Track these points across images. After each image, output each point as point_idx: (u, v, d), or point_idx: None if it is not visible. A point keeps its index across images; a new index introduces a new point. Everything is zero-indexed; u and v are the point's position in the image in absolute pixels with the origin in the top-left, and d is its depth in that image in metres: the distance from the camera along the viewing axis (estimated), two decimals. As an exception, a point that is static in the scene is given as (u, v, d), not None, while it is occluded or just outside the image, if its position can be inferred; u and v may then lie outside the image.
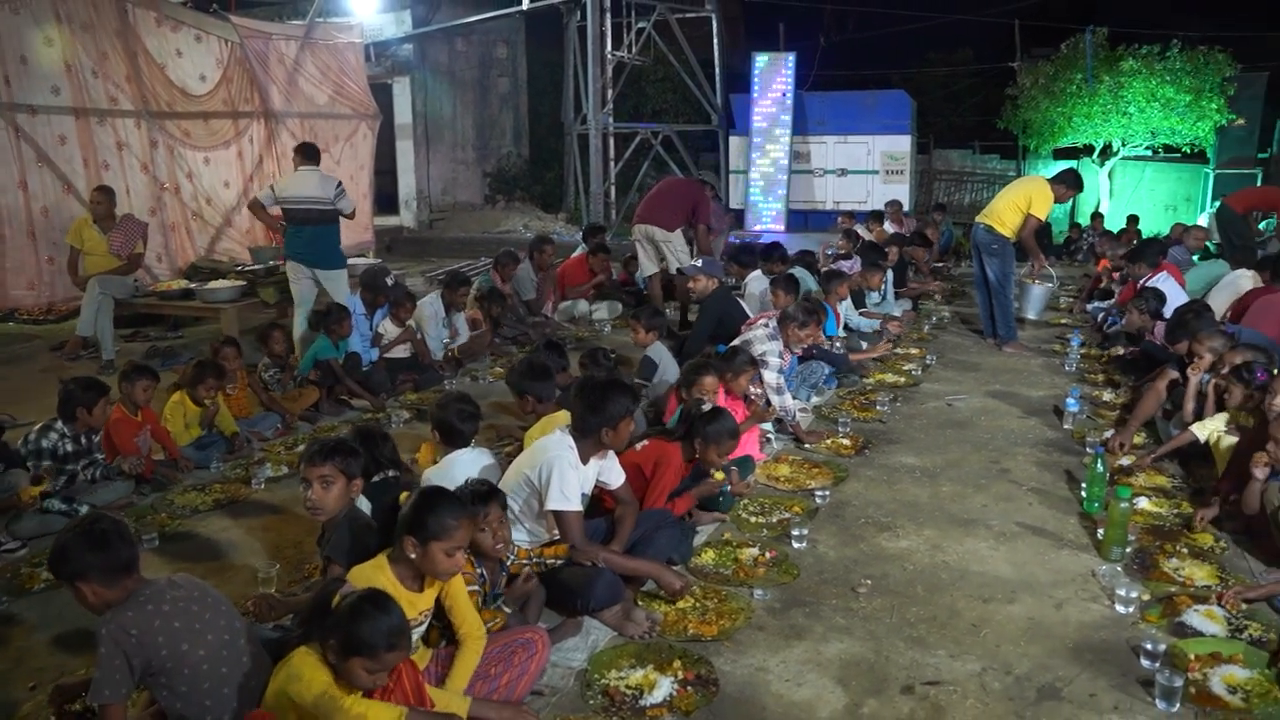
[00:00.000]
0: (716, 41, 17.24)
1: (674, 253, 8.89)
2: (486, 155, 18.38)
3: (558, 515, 3.46)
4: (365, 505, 3.52)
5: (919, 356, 7.80)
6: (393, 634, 2.46)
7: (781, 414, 5.64)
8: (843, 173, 17.23)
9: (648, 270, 9.12)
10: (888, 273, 9.06)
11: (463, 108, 17.80)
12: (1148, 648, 3.22)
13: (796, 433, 5.69)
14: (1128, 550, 4.08)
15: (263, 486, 5.06)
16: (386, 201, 16.35)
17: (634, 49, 16.60)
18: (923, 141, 20.19)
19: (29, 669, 3.31)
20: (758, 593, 3.73)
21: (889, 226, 12.09)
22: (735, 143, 17.46)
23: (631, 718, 2.96)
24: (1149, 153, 18.07)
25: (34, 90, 8.59)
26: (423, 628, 2.94)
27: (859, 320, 8.09)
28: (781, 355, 5.83)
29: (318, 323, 6.76)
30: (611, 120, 16.39)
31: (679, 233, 8.99)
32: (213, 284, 8.40)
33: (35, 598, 3.83)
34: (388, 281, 7.73)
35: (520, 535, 3.58)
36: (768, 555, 4.06)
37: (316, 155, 7.54)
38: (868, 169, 17.13)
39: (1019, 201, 7.92)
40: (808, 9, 20.72)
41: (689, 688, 3.09)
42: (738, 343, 5.74)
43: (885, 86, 19.55)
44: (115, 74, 9.33)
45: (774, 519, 4.49)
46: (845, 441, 5.63)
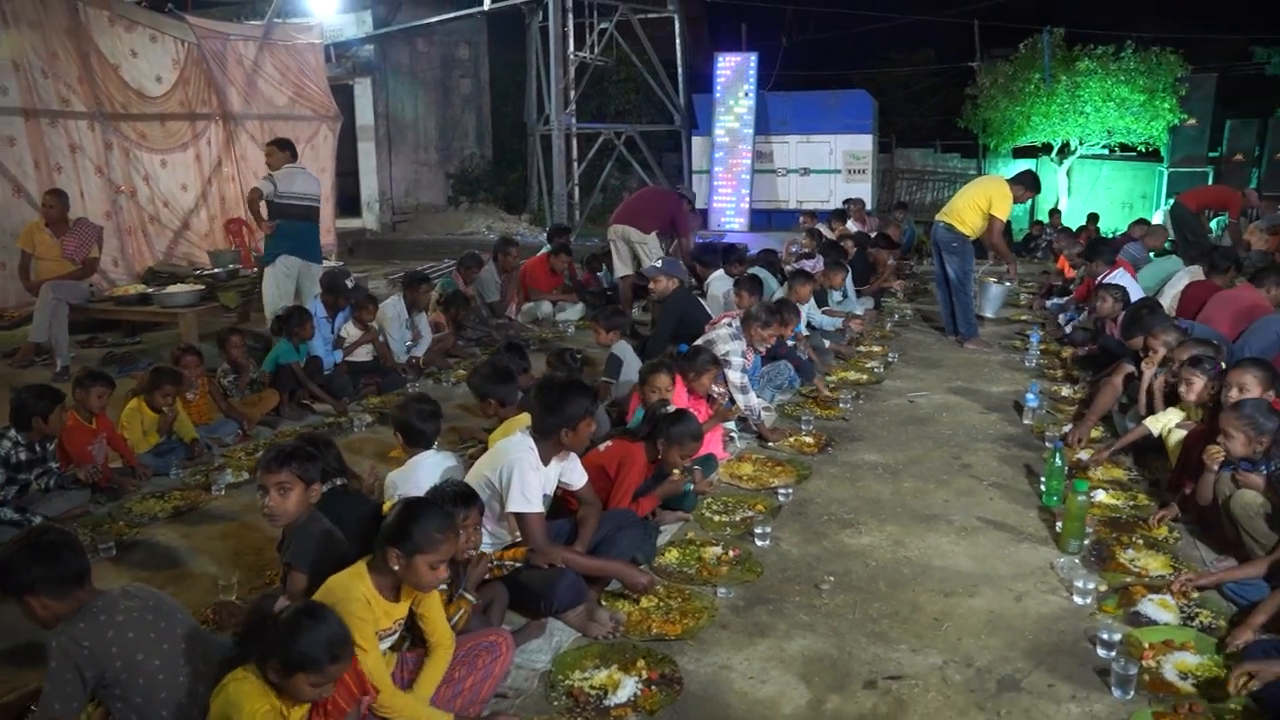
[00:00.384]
0: (679, 42, 17.27)
1: (648, 254, 9.03)
2: (449, 156, 18.28)
3: (519, 517, 3.45)
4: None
5: (881, 354, 7.87)
6: (334, 645, 2.43)
7: (746, 413, 5.67)
8: (805, 172, 17.35)
9: (620, 271, 9.24)
10: (849, 271, 9.15)
11: (425, 109, 17.70)
12: (1104, 637, 3.27)
13: (760, 431, 5.72)
14: (1085, 542, 4.14)
15: (223, 493, 5.00)
16: (348, 204, 16.22)
17: (596, 49, 16.58)
18: (885, 141, 20.40)
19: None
20: (721, 591, 3.75)
21: (851, 225, 12.18)
22: (698, 143, 17.52)
23: (596, 718, 2.95)
24: (1106, 151, 18.39)
25: (-21, 90, 8.46)
26: (395, 636, 2.91)
27: (821, 319, 8.15)
28: (745, 355, 5.85)
29: (279, 327, 6.69)
30: (574, 121, 16.37)
31: (654, 235, 9.17)
32: (171, 288, 8.30)
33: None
34: (348, 284, 7.66)
35: (482, 538, 3.56)
36: (731, 554, 4.07)
37: (296, 152, 7.65)
38: (830, 168, 17.26)
39: (979, 201, 8.02)
40: (770, 10, 20.82)
41: (653, 687, 3.09)
42: (700, 342, 5.76)
43: (847, 86, 19.71)
44: (66, 74, 9.18)
45: (737, 517, 4.51)
46: (808, 439, 5.66)
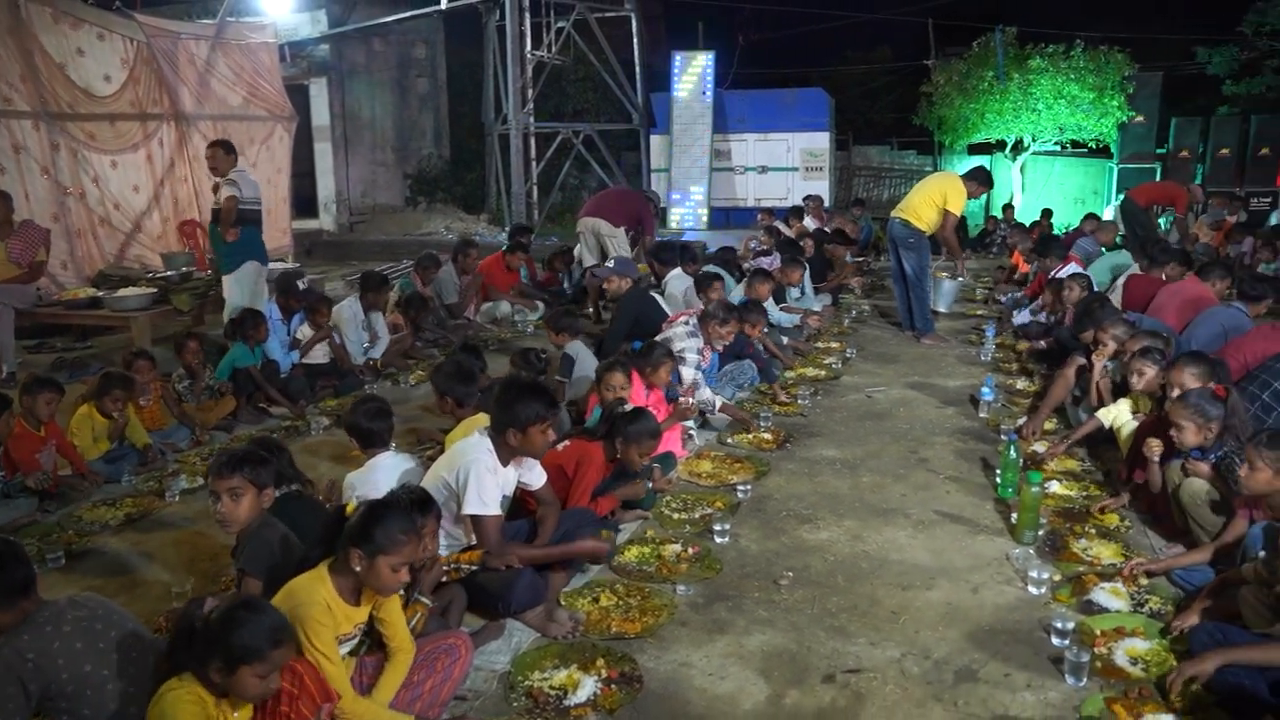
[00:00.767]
0: (636, 41, 17.28)
1: (616, 248, 9.41)
2: (407, 157, 18.14)
3: (474, 520, 3.42)
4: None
5: (839, 350, 7.92)
6: (275, 631, 2.40)
7: (702, 406, 5.70)
8: (763, 170, 17.44)
9: (589, 262, 9.60)
10: (807, 268, 9.22)
11: (381, 109, 17.55)
12: (1057, 626, 3.32)
13: (731, 413, 5.77)
14: (1039, 533, 4.20)
15: (177, 499, 4.92)
16: (305, 205, 16.03)
17: (554, 48, 16.56)
18: (841, 138, 20.56)
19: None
20: (681, 588, 3.75)
21: (809, 221, 12.26)
22: (656, 141, 17.56)
23: (555, 718, 2.95)
24: (1058, 148, 18.68)
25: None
26: (355, 641, 2.88)
27: (779, 315, 8.19)
28: (701, 352, 5.87)
29: (233, 331, 6.60)
30: (532, 120, 16.33)
31: (622, 230, 9.56)
32: (122, 292, 8.15)
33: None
34: (299, 285, 7.57)
35: (440, 540, 3.54)
36: (690, 551, 4.08)
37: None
38: (788, 166, 17.37)
39: (934, 198, 8.11)
40: (727, 8, 20.91)
41: (613, 686, 3.09)
42: (658, 340, 5.77)
43: (805, 85, 19.86)
44: (8, 73, 8.96)
45: (696, 515, 4.51)
46: (767, 436, 5.69)
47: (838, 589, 3.81)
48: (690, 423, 5.61)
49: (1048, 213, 15.12)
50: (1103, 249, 10.46)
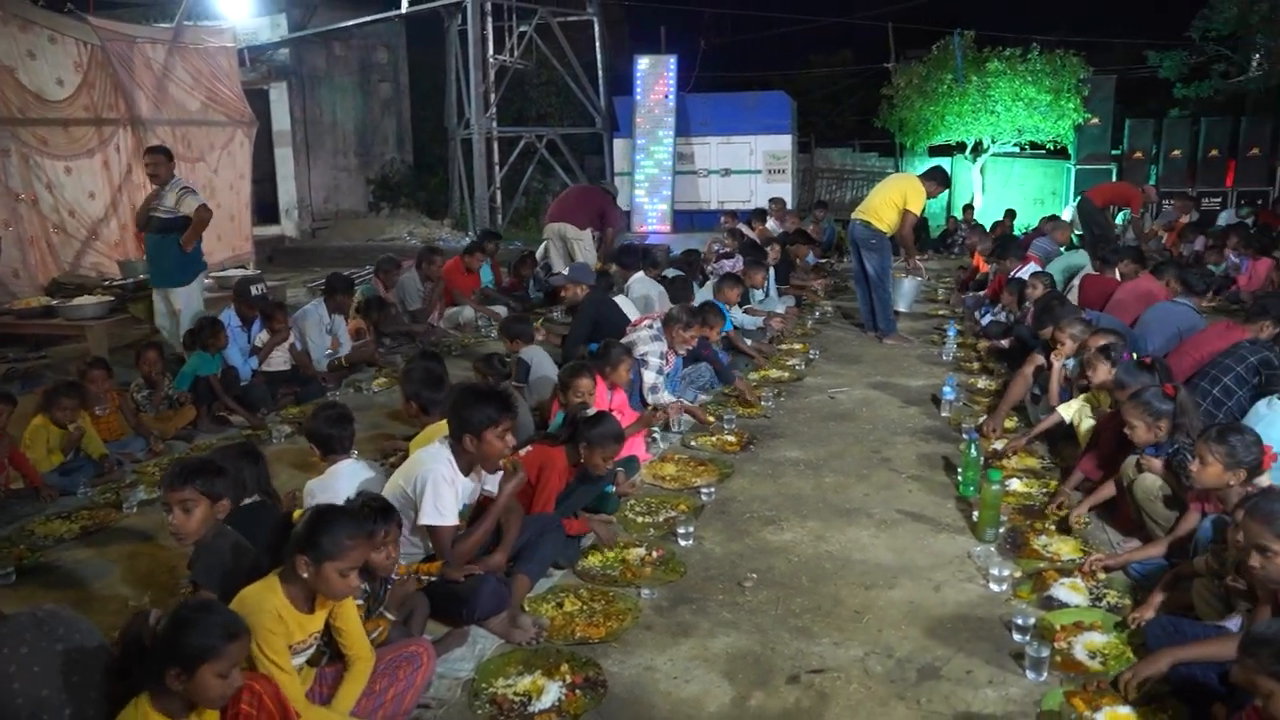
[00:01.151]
0: (599, 44, 17.29)
1: (583, 250, 9.55)
2: (369, 161, 18.02)
3: (430, 530, 3.40)
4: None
5: (802, 351, 7.96)
6: (227, 625, 2.37)
7: (660, 406, 5.76)
8: (726, 173, 17.51)
9: (557, 266, 9.76)
10: (770, 270, 9.27)
11: (343, 113, 17.42)
12: (1018, 622, 3.36)
13: (692, 414, 5.86)
14: (1000, 530, 4.25)
15: (135, 510, 4.83)
16: (266, 210, 15.86)
17: (516, 52, 16.53)
18: (804, 141, 20.69)
19: None
20: (645, 592, 3.75)
21: (772, 224, 12.33)
22: (619, 145, 17.55)
23: (520, 725, 2.93)
24: (1017, 149, 18.92)
25: None
26: (311, 650, 2.85)
27: (743, 318, 8.22)
28: (664, 356, 5.88)
29: (192, 341, 6.52)
30: (495, 124, 16.29)
31: (588, 232, 9.72)
32: (78, 300, 8.00)
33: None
34: (253, 292, 7.47)
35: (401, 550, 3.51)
36: (654, 554, 4.08)
37: None
38: (751, 169, 17.45)
39: (895, 199, 8.18)
40: (689, 12, 20.99)
41: (577, 691, 3.08)
42: (622, 342, 5.77)
43: (767, 88, 19.96)
44: (-46, 76, 8.78)
45: (660, 518, 4.51)
46: (730, 438, 5.71)
47: (801, 589, 3.83)
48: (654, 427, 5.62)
49: (1011, 213, 15.30)
50: (1061, 248, 10.60)
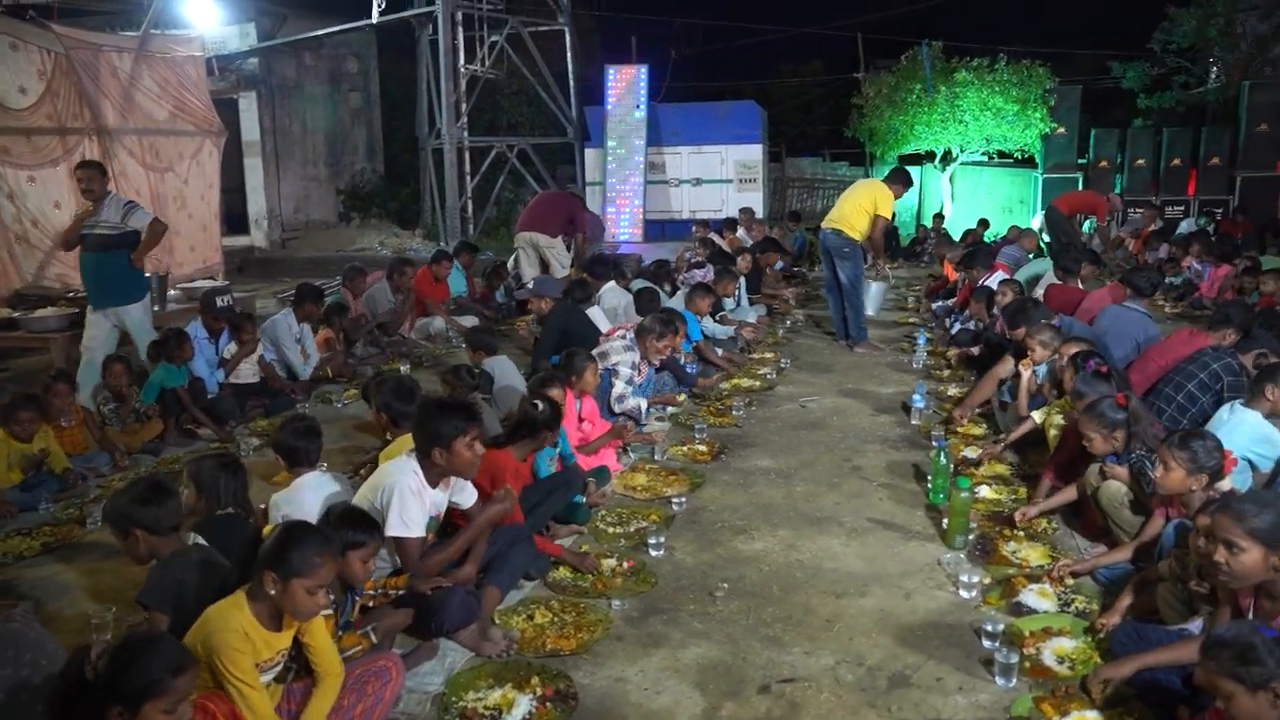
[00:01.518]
0: (570, 55, 17.30)
1: (556, 258, 9.55)
2: (339, 171, 17.91)
3: (397, 542, 3.37)
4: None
5: (774, 360, 7.98)
6: (173, 659, 2.30)
7: (632, 414, 5.79)
8: (698, 182, 17.58)
9: (528, 276, 9.72)
10: (741, 279, 9.31)
11: (313, 123, 17.31)
12: (988, 629, 3.37)
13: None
14: (970, 537, 4.28)
15: (99, 526, 4.75)
16: (236, 221, 15.73)
17: (487, 62, 16.51)
18: (775, 150, 20.81)
19: None
20: (616, 603, 3.73)
21: (742, 233, 12.38)
22: (591, 155, 17.58)
23: (490, 739, 2.91)
24: (985, 158, 19.14)
25: None
26: (279, 667, 2.81)
27: (714, 327, 8.24)
28: (636, 367, 5.89)
29: (157, 352, 6.44)
30: (466, 134, 16.26)
31: (560, 239, 9.69)
32: (41, 312, 7.88)
33: None
34: (220, 303, 7.39)
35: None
36: (625, 565, 4.07)
37: None
38: (722, 178, 17.54)
39: (865, 204, 8.26)
40: (660, 23, 21.08)
41: (548, 704, 3.06)
42: (594, 354, 5.77)
43: (738, 98, 20.09)
44: (-88, 84, 8.64)
45: (631, 528, 4.50)
46: (701, 447, 5.70)
47: (772, 599, 3.83)
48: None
49: (984, 223, 15.45)
50: (1030, 255, 10.73)
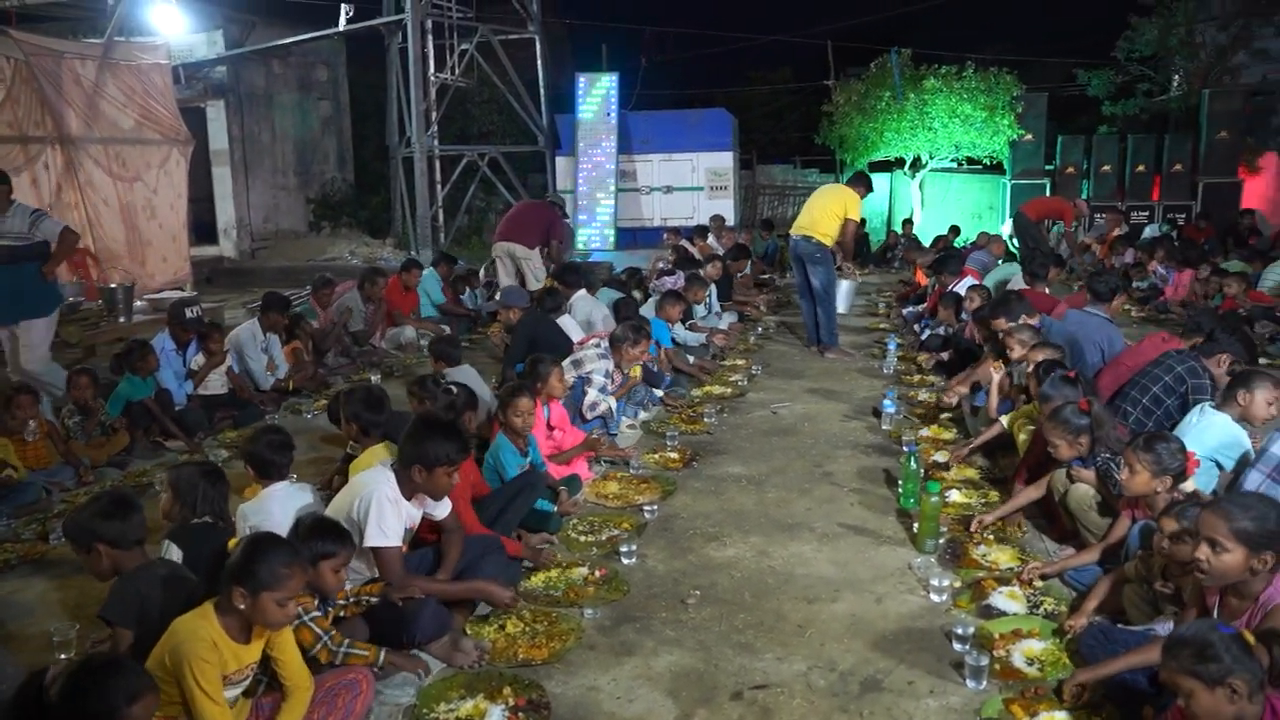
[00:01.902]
0: (540, 63, 17.28)
1: (532, 270, 9.47)
2: (309, 180, 17.77)
3: (375, 551, 3.35)
4: (176, 554, 3.32)
5: (745, 367, 8.00)
6: (129, 687, 2.26)
7: (605, 417, 5.80)
8: (669, 190, 17.62)
9: (503, 285, 9.63)
10: (712, 286, 9.35)
11: (282, 132, 17.16)
12: (958, 632, 3.40)
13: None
14: (940, 541, 4.30)
15: (63, 542, 4.66)
16: (204, 231, 15.54)
17: (458, 71, 16.46)
18: (745, 157, 20.90)
19: None
20: (588, 612, 3.73)
21: (712, 240, 12.43)
22: (562, 163, 17.57)
23: (461, 751, 2.90)
24: (954, 165, 19.33)
25: None
26: (247, 682, 2.78)
27: (685, 334, 8.25)
28: (610, 375, 5.89)
29: (119, 365, 6.35)
30: (437, 143, 16.18)
31: (537, 251, 9.62)
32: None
33: None
34: (189, 314, 7.32)
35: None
36: (597, 574, 4.06)
37: None
38: (693, 185, 17.59)
39: (835, 210, 8.32)
40: (630, 30, 21.13)
41: (520, 714, 3.05)
42: (568, 362, 5.77)
43: (709, 105, 20.16)
44: None
45: (603, 536, 4.49)
46: (673, 455, 5.70)
47: (745, 605, 3.84)
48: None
49: (955, 229, 15.58)
50: (999, 261, 10.84)
